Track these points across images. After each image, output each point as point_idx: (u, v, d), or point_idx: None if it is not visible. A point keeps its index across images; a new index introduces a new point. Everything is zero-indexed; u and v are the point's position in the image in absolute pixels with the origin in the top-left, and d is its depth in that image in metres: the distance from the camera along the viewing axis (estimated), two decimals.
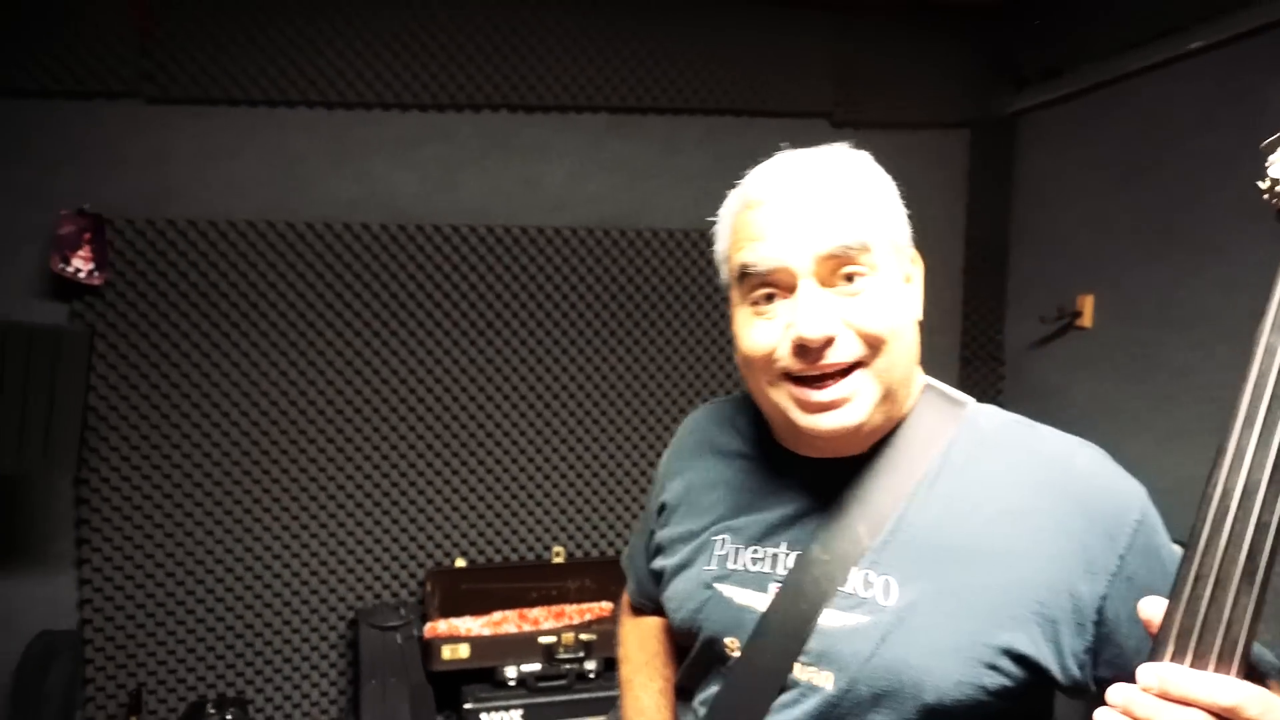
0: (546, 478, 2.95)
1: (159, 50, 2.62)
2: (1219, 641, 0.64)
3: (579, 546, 2.98)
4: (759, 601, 0.93)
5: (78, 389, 2.26)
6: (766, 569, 0.95)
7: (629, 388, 3.00)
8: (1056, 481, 0.87)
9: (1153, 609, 0.68)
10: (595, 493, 2.99)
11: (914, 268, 0.97)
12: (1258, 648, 0.77)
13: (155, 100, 2.65)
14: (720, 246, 0.97)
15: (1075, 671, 0.84)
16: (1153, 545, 0.85)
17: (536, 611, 2.76)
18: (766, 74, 3.05)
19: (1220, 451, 0.67)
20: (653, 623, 1.20)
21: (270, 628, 2.76)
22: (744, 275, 0.89)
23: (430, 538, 2.87)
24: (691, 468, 1.09)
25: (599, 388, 2.98)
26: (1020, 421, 0.96)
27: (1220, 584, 0.65)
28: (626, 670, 1.20)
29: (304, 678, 2.79)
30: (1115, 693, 0.66)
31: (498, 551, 2.93)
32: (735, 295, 0.93)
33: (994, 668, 0.83)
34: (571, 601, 2.83)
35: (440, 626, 2.66)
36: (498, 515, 2.92)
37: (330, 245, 2.76)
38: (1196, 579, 0.66)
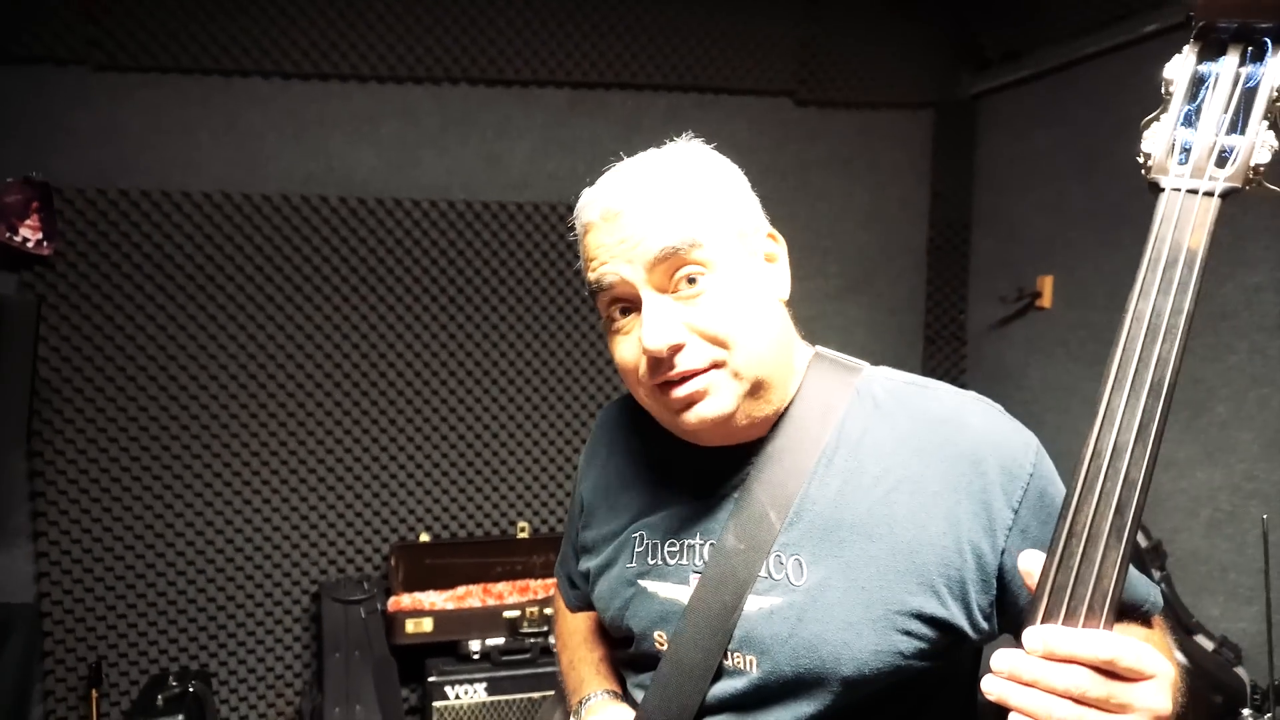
0: (511, 453, 2.96)
1: (107, 16, 2.55)
2: (1089, 595, 0.67)
3: (544, 522, 3.01)
4: (682, 594, 0.95)
5: (25, 360, 2.22)
6: (684, 561, 0.96)
7: (592, 364, 3.01)
8: (949, 442, 0.89)
9: (1031, 563, 0.71)
10: (560, 468, 3.01)
11: (776, 246, 0.97)
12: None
13: (103, 67, 2.59)
14: (581, 266, 0.98)
15: (984, 625, 0.87)
16: (1046, 496, 0.88)
17: (501, 586, 2.78)
18: (730, 52, 3.03)
19: (1093, 414, 0.70)
20: (585, 617, 1.21)
21: (233, 601, 2.76)
22: (597, 293, 0.91)
23: (394, 512, 2.88)
24: (604, 466, 1.11)
25: (563, 363, 2.99)
26: (913, 382, 0.97)
27: (1092, 540, 0.68)
28: (564, 658, 1.21)
29: (267, 650, 2.80)
30: (1000, 659, 0.68)
31: (462, 526, 2.94)
32: (601, 313, 0.95)
33: (907, 633, 0.85)
34: (536, 576, 2.86)
35: (404, 600, 2.68)
36: (461, 490, 2.93)
37: (288, 218, 2.72)
38: (1069, 536, 0.69)
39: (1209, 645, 2.26)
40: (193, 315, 2.67)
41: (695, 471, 0.99)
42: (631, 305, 0.90)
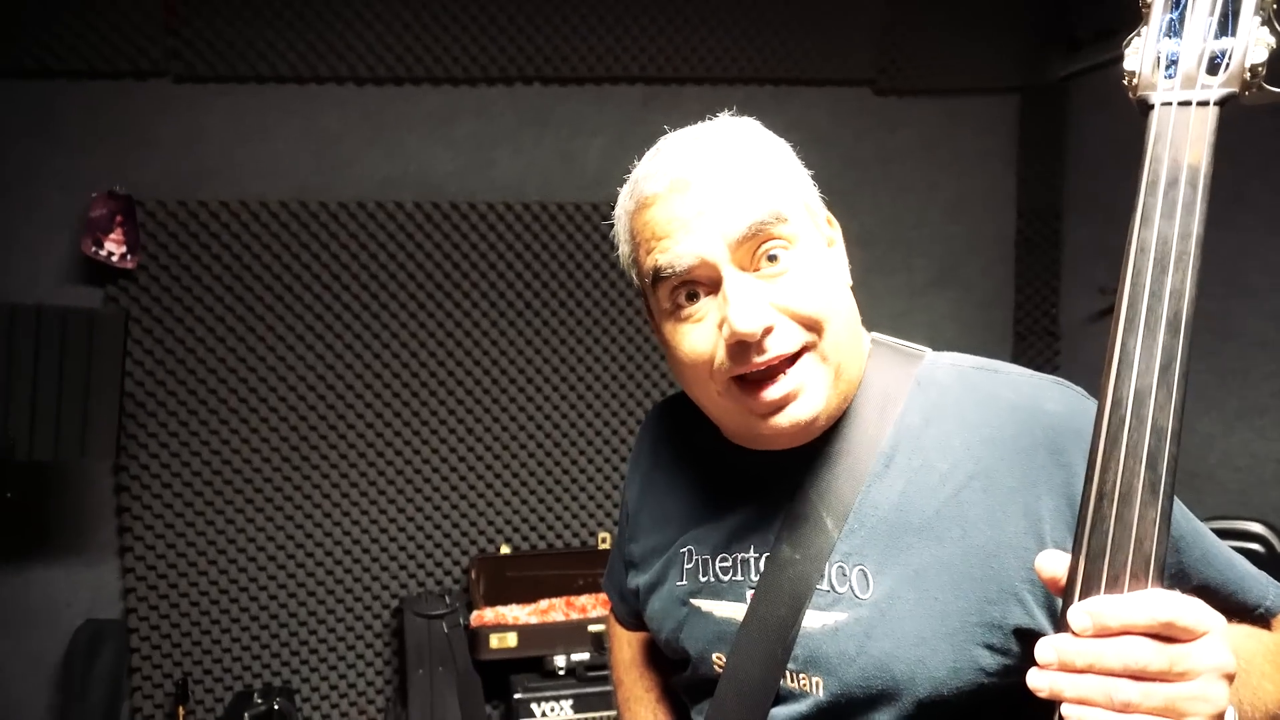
0: (590, 461, 2.88)
1: (185, 28, 2.55)
2: (1130, 560, 0.60)
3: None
4: (738, 612, 0.87)
5: (114, 373, 2.21)
6: (739, 576, 0.88)
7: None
8: (1025, 432, 0.80)
9: (1048, 562, 0.64)
10: None
11: (833, 230, 0.89)
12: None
13: (183, 79, 2.59)
14: (624, 251, 0.88)
15: None
16: None
17: (584, 599, 2.70)
18: (806, 42, 2.94)
19: (1107, 360, 0.63)
20: (637, 640, 1.13)
21: (314, 616, 2.72)
22: (660, 279, 0.81)
23: (474, 524, 2.82)
24: (647, 474, 1.03)
25: (641, 368, 2.90)
26: (982, 367, 0.87)
27: (1124, 499, 0.61)
28: (620, 693, 1.14)
29: (349, 667, 2.76)
30: (1045, 648, 0.60)
31: (541, 538, 2.87)
32: (654, 303, 0.84)
33: (989, 646, 0.77)
34: None
35: (487, 615, 2.61)
36: (541, 501, 2.86)
37: (364, 225, 2.69)
38: (1100, 498, 0.62)
39: None
40: (271, 325, 2.65)
41: (743, 477, 0.91)
42: (700, 289, 0.80)
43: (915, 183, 3.07)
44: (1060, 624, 0.62)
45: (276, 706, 2.49)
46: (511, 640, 2.57)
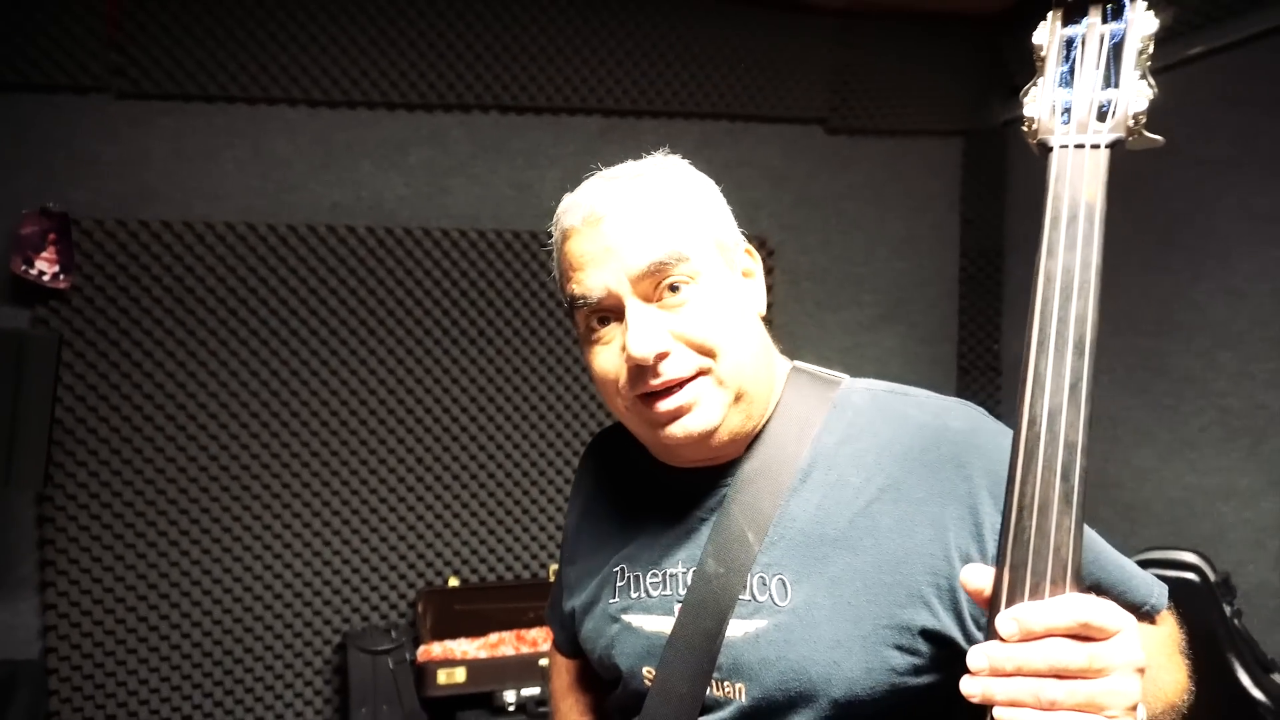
0: (542, 492, 2.85)
1: (130, 43, 2.48)
2: (1050, 566, 0.65)
3: None
4: (666, 625, 0.92)
5: (44, 398, 2.11)
6: (667, 591, 0.93)
7: None
8: (932, 448, 0.87)
9: (975, 576, 0.69)
10: None
11: (751, 261, 0.96)
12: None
13: (126, 95, 2.51)
14: (554, 275, 0.96)
15: (979, 636, 0.80)
16: None
17: (534, 632, 2.65)
18: (761, 79, 3.01)
19: (1021, 383, 0.69)
20: (570, 667, 1.18)
21: (251, 654, 2.61)
22: (576, 306, 0.89)
23: (421, 556, 2.75)
24: (586, 501, 1.09)
25: (595, 398, 2.89)
26: (893, 391, 0.95)
27: (1042, 510, 0.66)
28: (557, 717, 1.18)
29: (286, 706, 2.64)
30: (975, 656, 0.65)
31: (491, 570, 2.81)
32: (575, 324, 0.92)
33: (899, 647, 0.82)
34: None
35: (434, 649, 2.54)
36: (491, 532, 2.81)
37: (314, 249, 2.63)
38: (1019, 510, 0.67)
39: None
40: (214, 351, 2.56)
41: (672, 497, 0.96)
42: (611, 315, 0.88)
43: (864, 220, 3.15)
44: (989, 632, 0.66)
45: None
46: (460, 676, 2.50)
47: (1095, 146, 0.72)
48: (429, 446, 2.75)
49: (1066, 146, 0.73)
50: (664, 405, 0.85)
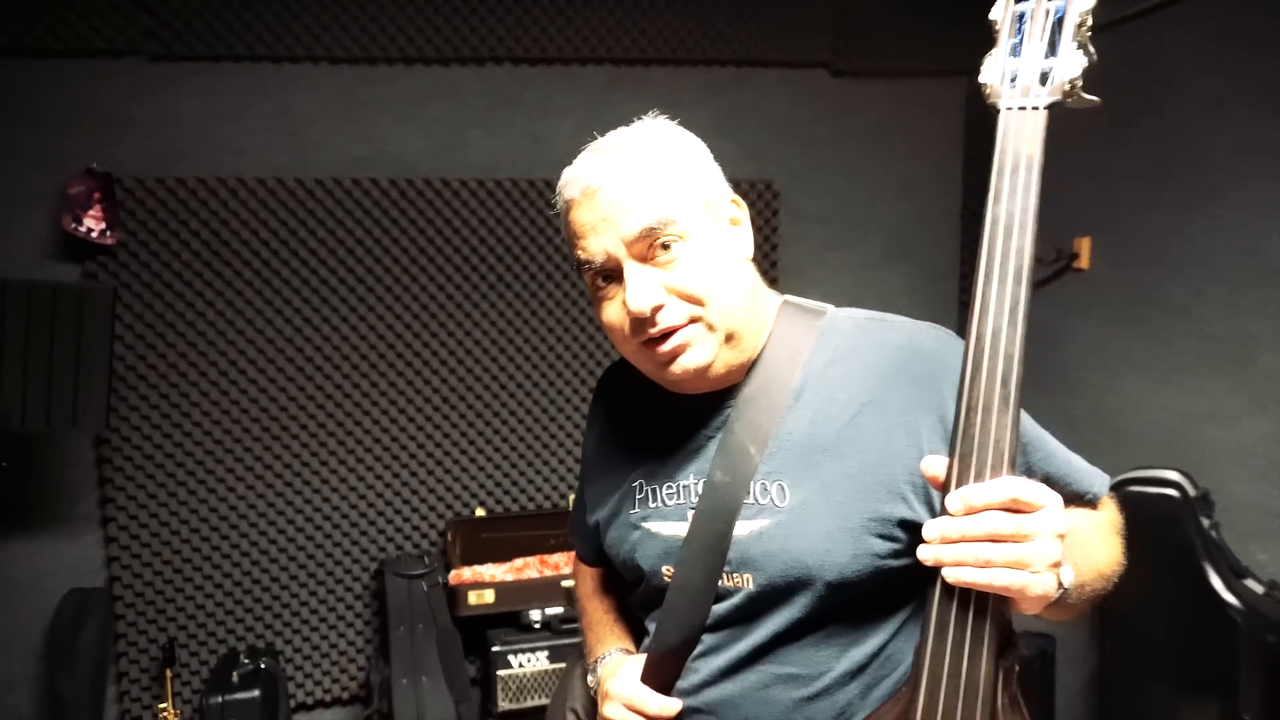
0: (560, 427, 3.01)
1: (161, 7, 2.59)
2: (990, 455, 0.80)
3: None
4: (681, 530, 1.05)
5: (103, 347, 2.28)
6: (681, 500, 1.06)
7: None
8: (907, 366, 1.00)
9: (931, 465, 0.84)
10: None
11: (738, 210, 1.07)
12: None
13: (159, 58, 2.64)
14: (565, 240, 1.07)
15: None
16: None
17: (557, 557, 2.84)
18: (766, 25, 3.07)
19: (970, 306, 0.83)
20: (595, 574, 1.31)
21: (296, 580, 2.82)
22: (582, 268, 1.01)
23: (449, 489, 2.93)
24: (602, 426, 1.22)
25: (605, 339, 3.02)
26: (873, 318, 1.08)
27: (985, 410, 0.81)
28: (584, 620, 1.31)
29: (330, 628, 2.86)
30: (928, 528, 0.80)
31: (515, 500, 3.00)
32: (585, 283, 1.05)
33: (882, 536, 0.96)
34: None
35: (465, 574, 2.73)
36: (514, 466, 2.98)
37: (340, 202, 2.77)
38: (968, 410, 0.82)
39: (1259, 589, 2.31)
40: (250, 300, 2.72)
41: (682, 420, 1.09)
42: (613, 273, 0.99)
43: (868, 161, 3.23)
44: (940, 510, 0.82)
45: (263, 665, 2.59)
46: (489, 597, 2.69)
47: (1035, 108, 0.84)
48: (454, 387, 2.91)
49: (1011, 109, 0.85)
50: (663, 348, 0.98)
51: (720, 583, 1.02)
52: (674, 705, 1.04)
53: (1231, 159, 2.46)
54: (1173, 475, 2.39)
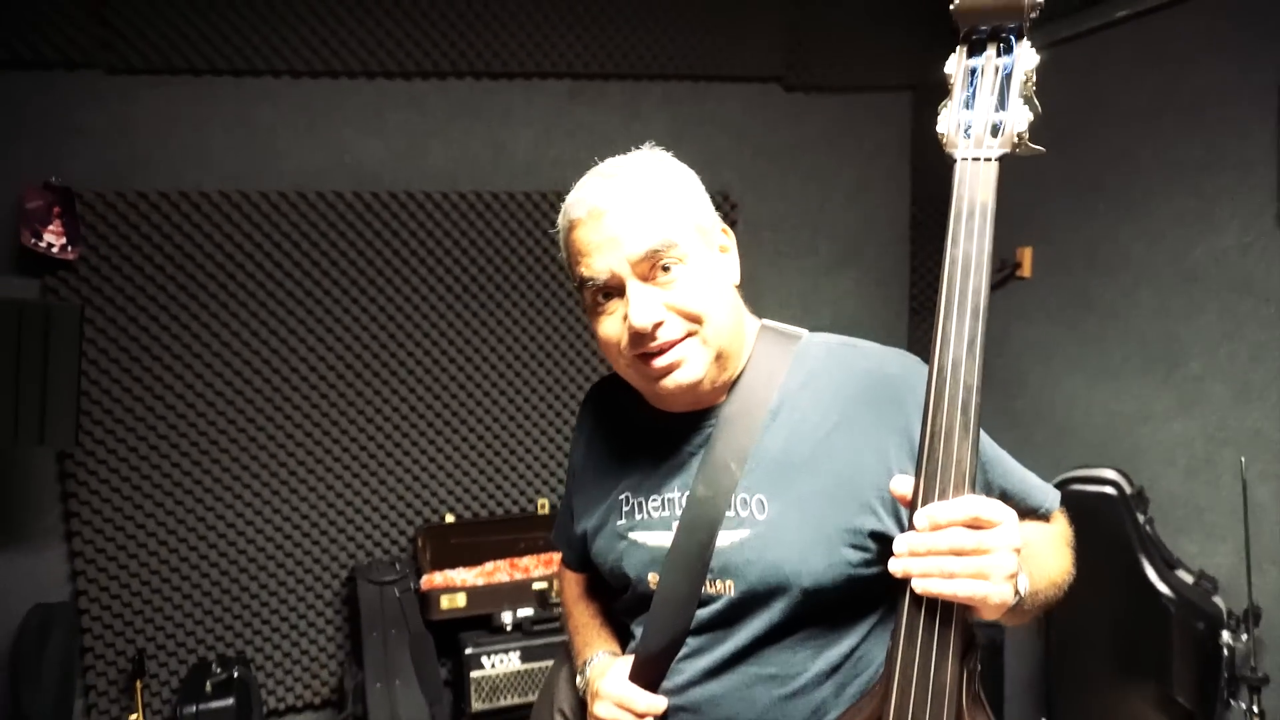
0: (527, 434, 3.07)
1: (117, 18, 2.58)
2: (953, 476, 0.88)
3: (561, 497, 3.13)
4: (666, 540, 1.12)
5: (71, 364, 2.28)
6: (666, 513, 1.14)
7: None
8: (875, 390, 1.08)
9: (899, 485, 0.92)
10: None
11: (726, 238, 1.15)
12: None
13: (115, 70, 2.62)
14: (562, 257, 1.13)
15: None
16: None
17: (526, 560, 2.90)
18: (721, 41, 3.16)
19: (933, 340, 0.91)
20: (580, 579, 1.39)
21: (266, 589, 2.84)
22: (584, 285, 1.07)
23: (418, 496, 2.98)
24: (589, 439, 1.29)
25: (573, 345, 3.10)
26: (844, 343, 1.17)
27: (947, 436, 0.89)
28: (570, 623, 1.38)
29: (301, 635, 2.89)
30: (898, 543, 0.89)
31: (483, 506, 3.05)
32: (583, 298, 1.11)
33: (853, 546, 1.04)
34: (558, 550, 2.98)
35: (436, 578, 2.78)
36: (481, 472, 3.04)
37: (304, 214, 2.79)
38: (932, 436, 0.90)
39: (1189, 579, 2.48)
40: (215, 314, 2.73)
41: (666, 436, 1.16)
42: (614, 291, 1.06)
43: (821, 171, 3.35)
44: (908, 525, 0.90)
45: (236, 674, 2.61)
46: (461, 601, 2.75)
47: (988, 160, 0.92)
48: (421, 396, 2.95)
49: (967, 159, 0.92)
50: (658, 362, 1.05)
51: (703, 589, 1.09)
52: (661, 703, 1.11)
53: (1158, 172, 2.62)
54: (1111, 474, 2.54)
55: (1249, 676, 2.18)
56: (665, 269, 1.04)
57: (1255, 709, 2.15)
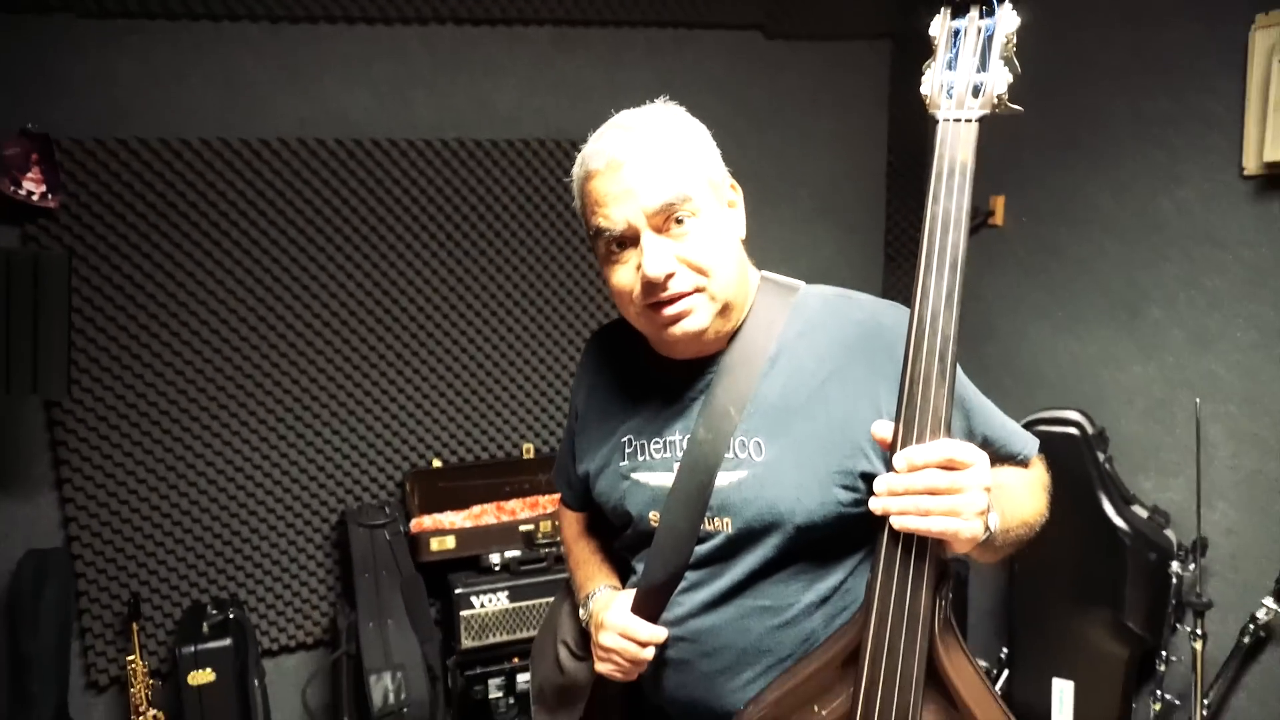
0: (512, 380, 3.13)
1: None
2: (930, 420, 0.95)
3: (545, 442, 3.21)
4: (667, 480, 1.18)
5: (61, 312, 2.28)
6: (667, 454, 1.20)
7: (584, 293, 3.18)
8: (868, 340, 1.14)
9: (880, 429, 0.99)
10: (558, 392, 3.20)
11: (734, 194, 1.20)
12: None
13: (89, 14, 2.57)
14: (576, 206, 1.18)
15: None
16: None
17: (513, 503, 2.98)
18: None
19: (914, 293, 0.96)
20: (580, 517, 1.46)
21: (257, 534, 2.90)
22: (599, 234, 1.11)
23: (405, 442, 3.04)
24: (593, 383, 1.33)
25: (556, 293, 3.14)
26: (840, 295, 1.23)
27: (925, 382, 0.95)
28: (571, 559, 1.46)
29: (293, 577, 2.96)
30: (879, 482, 0.95)
31: (469, 451, 3.12)
32: (597, 247, 1.15)
33: (844, 487, 1.11)
34: (543, 493, 3.07)
35: (425, 522, 2.86)
36: (467, 418, 3.10)
37: (288, 162, 2.78)
38: (911, 383, 0.95)
39: (1144, 513, 2.63)
40: (200, 262, 2.73)
41: (669, 382, 1.22)
42: (627, 240, 1.10)
43: (800, 121, 3.38)
44: (888, 467, 0.96)
45: (231, 616, 2.68)
46: (450, 543, 2.83)
47: (969, 121, 0.96)
48: (406, 344, 2.99)
49: (949, 120, 0.97)
50: (667, 311, 1.09)
51: (702, 527, 1.16)
52: (661, 633, 1.19)
53: (1127, 126, 2.70)
54: (1074, 416, 2.67)
55: (1194, 602, 2.34)
56: (679, 221, 1.08)
57: (1199, 630, 2.31)
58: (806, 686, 1.09)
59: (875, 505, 0.95)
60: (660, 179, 1.07)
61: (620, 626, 1.20)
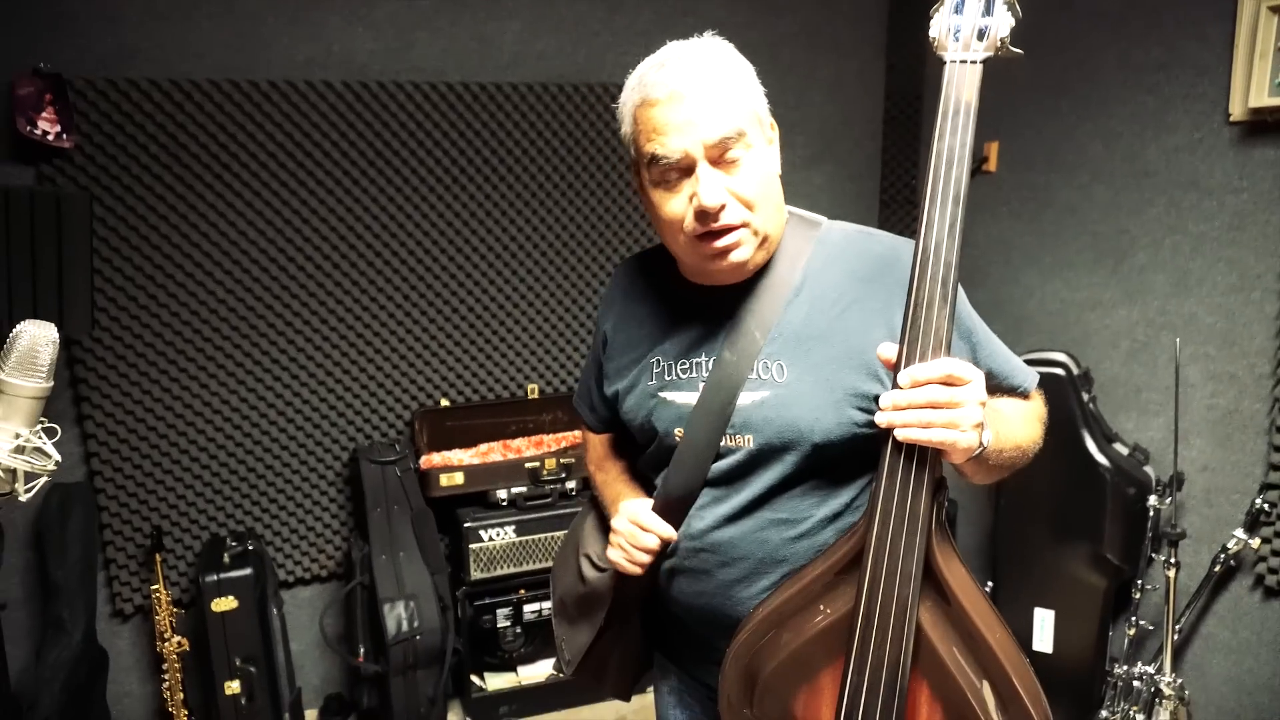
0: (516, 322, 3.21)
1: None
2: (931, 341, 1.02)
3: (548, 384, 3.30)
4: (692, 399, 1.25)
5: (84, 250, 2.33)
6: (694, 374, 1.27)
7: (587, 236, 3.24)
8: (887, 273, 1.21)
9: (886, 350, 1.06)
10: (561, 334, 3.28)
11: (773, 132, 1.25)
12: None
13: None
14: (625, 131, 1.21)
15: None
16: (960, 307, 1.20)
17: (519, 441, 3.09)
18: None
19: (919, 223, 1.03)
20: (604, 440, 1.53)
21: (272, 470, 3.00)
22: (654, 162, 1.15)
23: (413, 381, 3.12)
24: (622, 309, 1.39)
25: (559, 236, 3.21)
26: (860, 231, 1.30)
27: (928, 305, 1.02)
28: (598, 479, 1.53)
29: (307, 512, 3.07)
30: (884, 398, 1.03)
31: (475, 391, 3.21)
32: (645, 174, 1.19)
33: (859, 408, 1.18)
34: (548, 432, 3.18)
35: (435, 458, 2.96)
36: (474, 358, 3.18)
37: (296, 104, 2.81)
38: (914, 306, 1.03)
39: (1125, 451, 2.75)
40: (212, 203, 2.78)
41: (697, 307, 1.28)
42: (679, 171, 1.14)
43: (799, 66, 3.42)
44: (894, 384, 1.04)
45: (251, 547, 2.79)
46: (459, 479, 2.94)
47: (974, 62, 1.03)
48: (414, 285, 3.06)
49: (955, 61, 1.03)
50: (717, 244, 1.16)
51: (724, 443, 1.24)
52: (668, 529, 1.28)
53: (1117, 73, 2.76)
54: (1060, 356, 2.78)
55: (1170, 533, 2.47)
56: (732, 157, 1.13)
57: (1173, 560, 2.45)
58: (812, 587, 1.20)
59: (881, 419, 1.03)
60: (720, 112, 1.12)
61: (631, 513, 1.31)
